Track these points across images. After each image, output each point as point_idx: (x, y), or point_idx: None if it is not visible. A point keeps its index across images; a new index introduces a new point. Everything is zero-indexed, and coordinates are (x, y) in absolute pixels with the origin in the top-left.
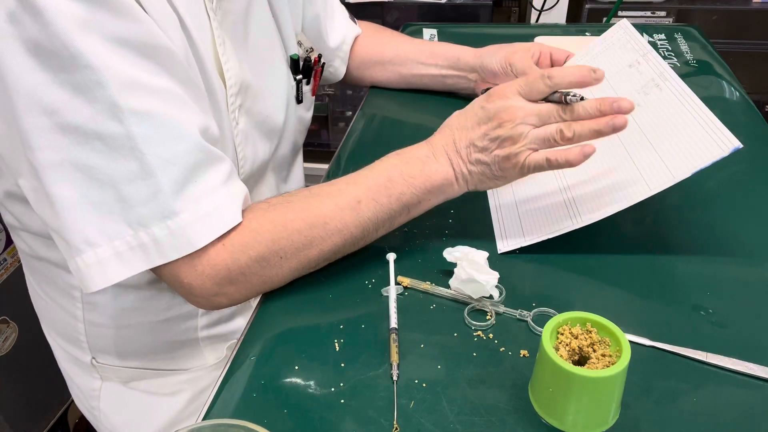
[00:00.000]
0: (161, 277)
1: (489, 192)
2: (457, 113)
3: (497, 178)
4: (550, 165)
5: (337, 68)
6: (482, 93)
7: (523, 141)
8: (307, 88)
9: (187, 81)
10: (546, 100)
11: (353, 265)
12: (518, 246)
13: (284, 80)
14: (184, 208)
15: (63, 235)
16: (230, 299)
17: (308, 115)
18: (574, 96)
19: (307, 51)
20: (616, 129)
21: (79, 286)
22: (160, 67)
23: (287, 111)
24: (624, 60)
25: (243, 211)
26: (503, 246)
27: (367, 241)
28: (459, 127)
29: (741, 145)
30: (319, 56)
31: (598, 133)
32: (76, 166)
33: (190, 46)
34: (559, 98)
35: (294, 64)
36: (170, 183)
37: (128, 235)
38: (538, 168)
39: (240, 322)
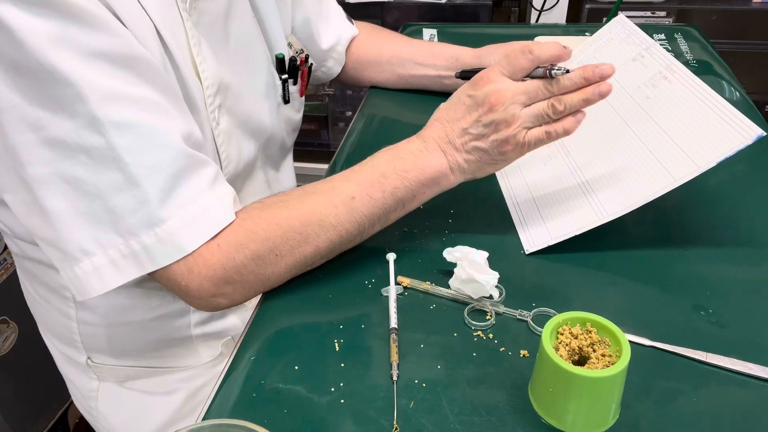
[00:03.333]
0: (160, 282)
1: (505, 192)
2: (443, 105)
3: (496, 162)
4: (549, 137)
5: (330, 68)
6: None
7: (517, 121)
8: (294, 89)
9: (167, 88)
10: (529, 76)
11: (353, 265)
12: (546, 245)
13: (268, 80)
14: (170, 215)
15: (58, 246)
16: (229, 299)
17: (297, 116)
18: (558, 69)
19: (297, 53)
20: (602, 95)
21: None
22: (139, 77)
23: (272, 111)
24: (627, 54)
25: (237, 212)
26: (530, 246)
27: (363, 237)
28: (449, 119)
29: (764, 133)
30: (307, 57)
31: (587, 102)
32: (64, 179)
33: (165, 50)
34: (543, 73)
35: (279, 64)
36: (155, 191)
37: (120, 243)
38: (539, 143)
39: (233, 320)
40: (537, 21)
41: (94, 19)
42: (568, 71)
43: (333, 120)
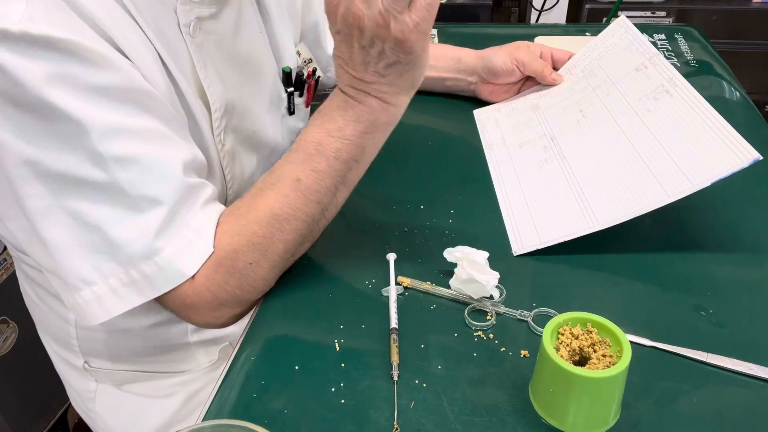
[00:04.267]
0: (165, 307)
1: (499, 193)
2: (334, 52)
3: (413, 62)
4: (432, 4)
5: (335, 72)
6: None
7: (391, 18)
8: (300, 101)
9: (169, 118)
10: None
11: (353, 265)
12: (534, 248)
13: (273, 93)
14: (167, 244)
15: (59, 275)
16: (232, 316)
17: (301, 125)
18: None
19: (305, 62)
20: None
21: None
22: (140, 108)
23: (276, 123)
24: (630, 63)
25: None
26: (518, 248)
27: (332, 210)
28: (345, 62)
29: (761, 157)
30: (314, 70)
31: None
32: (64, 211)
33: (170, 77)
34: None
35: (286, 77)
36: (156, 223)
37: (120, 272)
38: (429, 16)
39: (230, 327)
40: (537, 21)
41: (93, 55)
42: None
43: None
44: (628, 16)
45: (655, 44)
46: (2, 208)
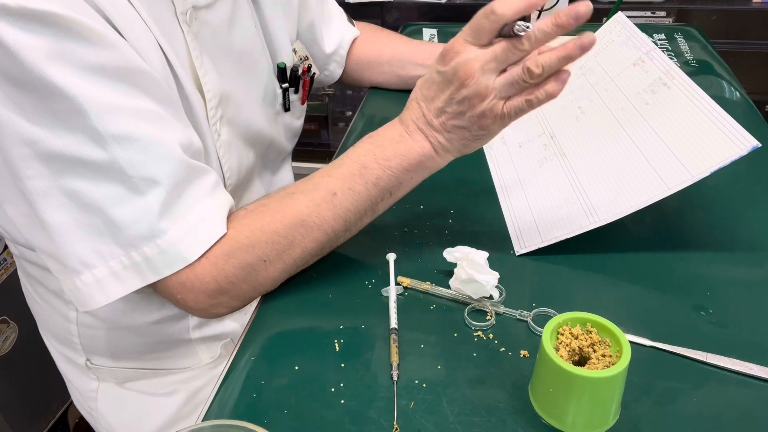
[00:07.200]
0: (159, 293)
1: (500, 192)
2: (420, 82)
3: (480, 137)
4: (531, 105)
5: (332, 71)
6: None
7: (491, 93)
8: (295, 97)
9: (166, 99)
10: (499, 36)
11: (353, 265)
12: (536, 247)
13: (268, 88)
14: (171, 226)
15: (58, 258)
16: (227, 307)
17: (298, 123)
18: (521, 25)
19: (301, 59)
20: (584, 49)
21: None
22: (137, 89)
23: (272, 119)
24: (627, 58)
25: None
26: (520, 248)
27: (353, 231)
28: (424, 98)
29: (759, 144)
30: (309, 67)
31: (567, 59)
32: (64, 192)
33: (167, 63)
34: (508, 32)
35: (281, 73)
36: (157, 203)
37: (121, 255)
38: (520, 113)
39: (232, 323)
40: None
41: (91, 33)
42: (528, 27)
43: (333, 120)
44: (628, 16)
45: (654, 44)
46: (1, 191)
